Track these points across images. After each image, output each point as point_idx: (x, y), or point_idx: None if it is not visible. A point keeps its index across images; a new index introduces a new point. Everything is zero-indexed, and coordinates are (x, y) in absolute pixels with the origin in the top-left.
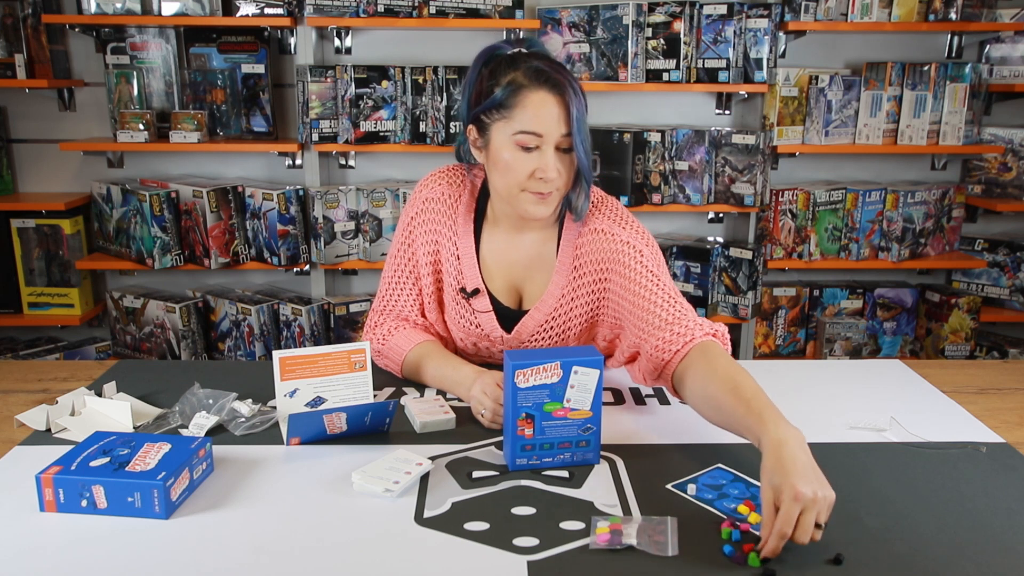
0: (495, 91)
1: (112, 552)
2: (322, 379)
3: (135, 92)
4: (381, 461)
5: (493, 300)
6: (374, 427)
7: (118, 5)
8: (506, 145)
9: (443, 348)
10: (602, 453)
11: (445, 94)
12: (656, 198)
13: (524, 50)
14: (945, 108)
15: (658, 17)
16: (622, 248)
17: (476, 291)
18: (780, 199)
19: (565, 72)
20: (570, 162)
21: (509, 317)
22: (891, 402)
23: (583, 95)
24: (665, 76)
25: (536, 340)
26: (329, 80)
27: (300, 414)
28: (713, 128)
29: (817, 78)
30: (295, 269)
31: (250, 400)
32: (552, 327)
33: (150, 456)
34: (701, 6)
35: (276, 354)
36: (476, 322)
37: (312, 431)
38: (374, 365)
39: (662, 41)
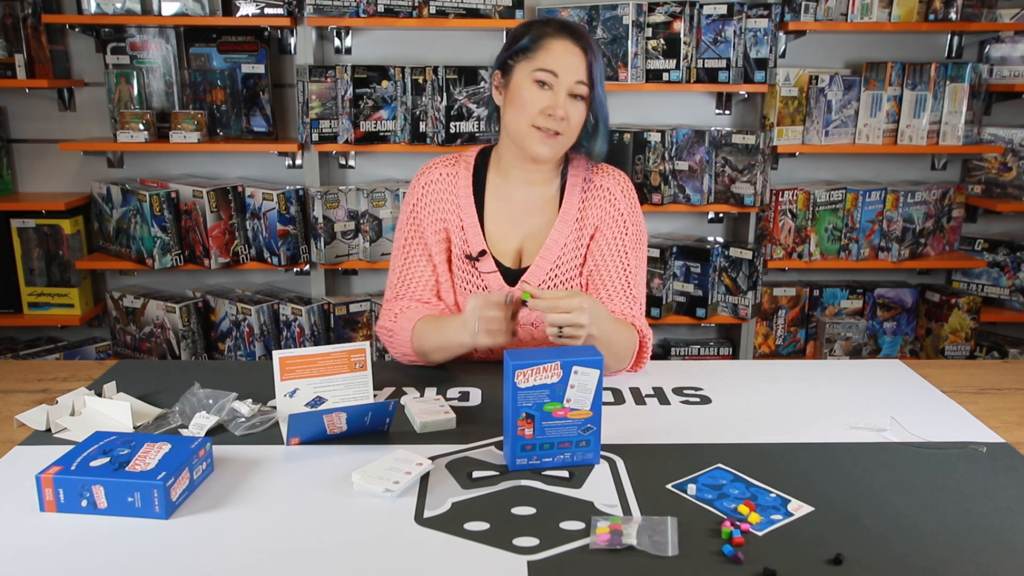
0: (524, 39)
1: (112, 552)
2: (322, 379)
3: (135, 92)
4: (381, 461)
5: (498, 264)
6: (374, 427)
7: (118, 5)
8: (525, 82)
9: (440, 316)
10: (602, 453)
11: (445, 94)
12: (656, 198)
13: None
14: (945, 108)
15: (658, 17)
16: (616, 218)
17: (482, 252)
18: (780, 199)
19: (591, 36)
20: (579, 113)
21: (515, 277)
22: (891, 402)
23: (603, 63)
24: (665, 76)
25: None
26: (329, 80)
27: (300, 414)
28: (713, 128)
29: (817, 78)
30: (295, 269)
31: (250, 400)
32: (556, 276)
33: (150, 456)
34: (701, 6)
35: (276, 354)
36: (483, 285)
37: (312, 431)
38: (381, 362)
39: (662, 41)
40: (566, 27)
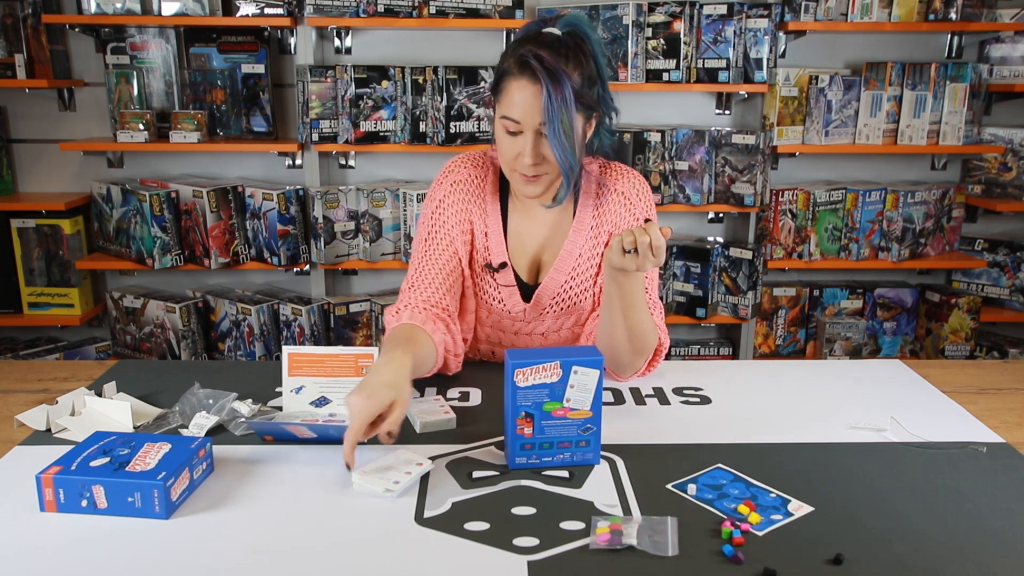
0: (497, 71)
1: (112, 552)
2: (328, 379)
3: (135, 92)
4: (381, 461)
5: (516, 277)
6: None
7: (118, 5)
8: (498, 126)
9: (405, 340)
10: (602, 453)
11: (445, 94)
12: (656, 198)
13: (552, 29)
14: (945, 108)
15: (658, 17)
16: (631, 221)
17: (503, 264)
18: (780, 199)
19: (552, 61)
20: None
21: (530, 292)
22: (891, 402)
23: (569, 85)
24: (665, 76)
25: (555, 306)
26: (329, 80)
27: (263, 422)
28: (713, 128)
29: (817, 78)
30: (295, 269)
31: (250, 400)
32: (571, 287)
33: (150, 456)
34: (701, 6)
35: (286, 349)
36: (499, 297)
37: (279, 435)
38: None
39: (662, 41)
40: (522, 62)
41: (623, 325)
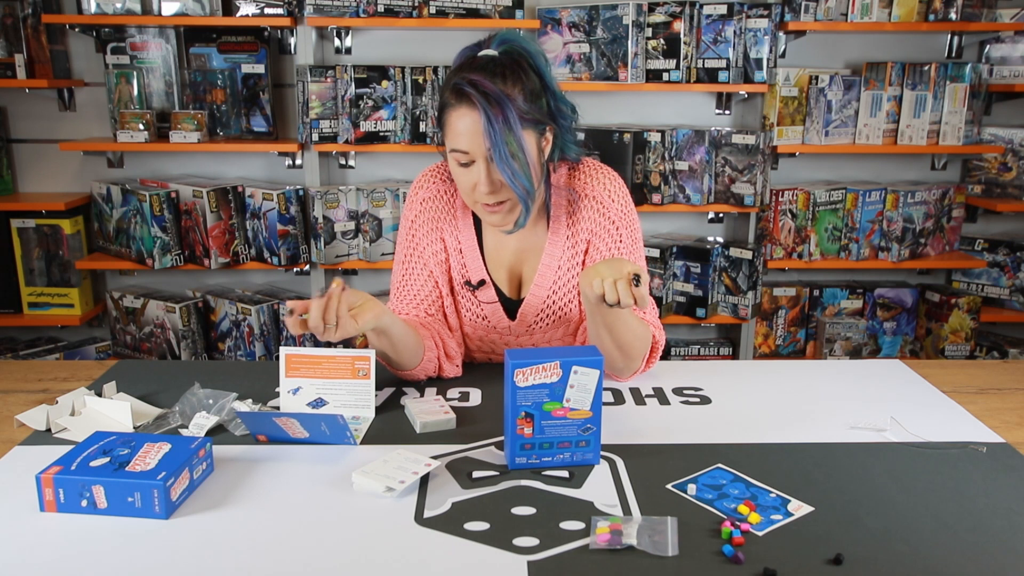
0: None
1: (112, 552)
2: (325, 381)
3: (135, 92)
4: (381, 461)
5: (497, 291)
6: (337, 440)
7: (118, 5)
8: (450, 160)
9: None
10: (602, 453)
11: None
12: (656, 198)
13: (488, 51)
14: (945, 108)
15: (658, 17)
16: (608, 228)
17: (482, 282)
18: (780, 199)
19: (488, 83)
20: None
21: (513, 307)
22: (891, 402)
23: (510, 106)
24: (665, 76)
25: (541, 321)
26: (329, 80)
27: (251, 413)
28: (713, 128)
29: (817, 78)
30: (295, 269)
31: (250, 400)
32: (555, 301)
33: (150, 456)
34: (701, 6)
35: (283, 350)
36: (482, 314)
37: (272, 433)
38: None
39: (662, 41)
40: (458, 91)
41: (611, 340)
